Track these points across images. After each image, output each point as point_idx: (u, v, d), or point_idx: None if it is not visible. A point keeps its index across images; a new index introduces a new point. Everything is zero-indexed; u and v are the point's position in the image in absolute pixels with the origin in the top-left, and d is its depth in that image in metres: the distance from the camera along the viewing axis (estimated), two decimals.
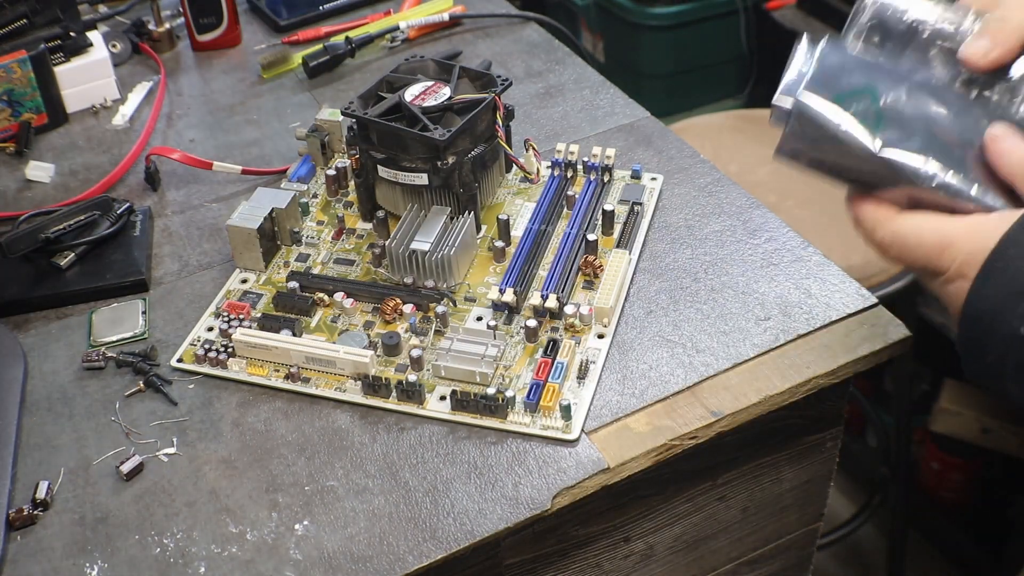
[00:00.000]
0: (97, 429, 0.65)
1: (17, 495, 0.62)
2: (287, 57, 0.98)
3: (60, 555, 0.58)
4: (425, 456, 0.62)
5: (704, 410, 0.64)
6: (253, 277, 0.74)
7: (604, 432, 0.63)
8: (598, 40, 1.98)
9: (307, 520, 0.59)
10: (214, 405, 0.66)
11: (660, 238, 0.76)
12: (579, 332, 0.68)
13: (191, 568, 0.57)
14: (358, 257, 0.75)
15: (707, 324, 0.69)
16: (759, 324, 0.69)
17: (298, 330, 0.69)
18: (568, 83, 0.93)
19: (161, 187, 0.84)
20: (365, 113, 0.73)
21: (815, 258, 0.73)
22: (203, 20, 1.00)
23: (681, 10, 1.81)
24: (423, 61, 0.78)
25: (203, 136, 0.90)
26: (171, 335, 0.71)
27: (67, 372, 0.69)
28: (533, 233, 0.75)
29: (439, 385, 0.66)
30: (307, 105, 0.93)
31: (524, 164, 0.77)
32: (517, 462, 0.62)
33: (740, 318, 0.69)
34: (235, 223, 0.73)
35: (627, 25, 1.87)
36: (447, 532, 0.58)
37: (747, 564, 0.79)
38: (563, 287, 0.70)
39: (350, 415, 0.65)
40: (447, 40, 1.00)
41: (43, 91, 0.90)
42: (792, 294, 0.71)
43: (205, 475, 0.62)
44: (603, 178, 0.79)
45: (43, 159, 0.88)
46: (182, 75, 0.98)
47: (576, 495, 0.60)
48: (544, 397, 0.63)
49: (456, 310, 0.70)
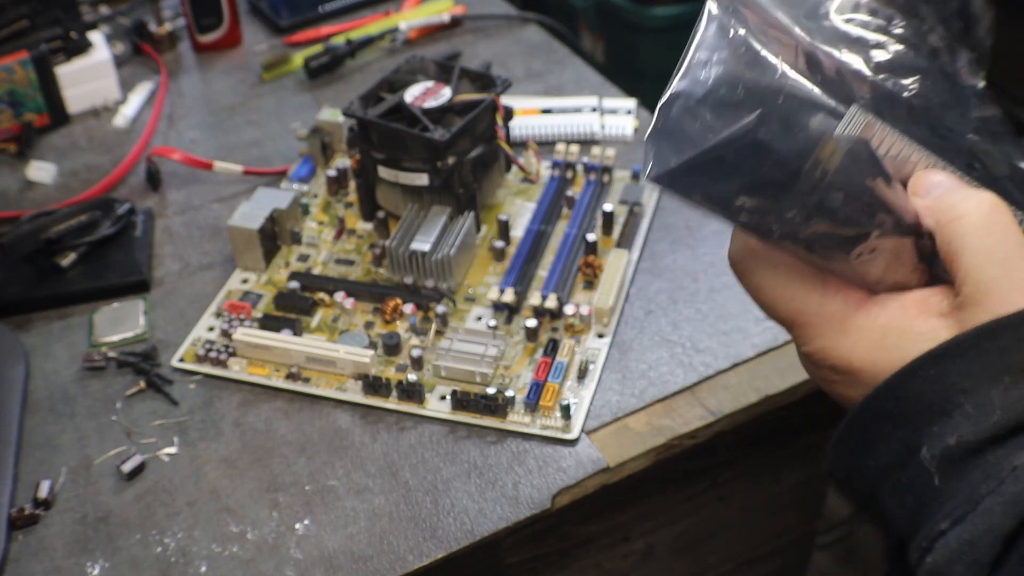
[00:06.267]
0: (98, 429, 0.65)
1: (19, 494, 0.62)
2: (288, 58, 0.98)
3: (62, 554, 0.59)
4: (425, 456, 0.63)
5: (704, 410, 0.64)
6: (254, 277, 0.75)
7: (604, 432, 0.63)
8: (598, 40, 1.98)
9: (308, 519, 0.60)
10: (215, 405, 0.66)
11: (660, 238, 0.76)
12: (579, 332, 0.69)
13: (192, 567, 0.58)
14: (358, 257, 0.75)
15: (707, 324, 0.69)
16: (759, 324, 0.69)
17: (299, 330, 0.70)
18: (568, 84, 0.93)
19: (162, 187, 0.84)
20: (365, 114, 0.73)
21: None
22: (204, 21, 1.00)
23: (681, 11, 1.81)
24: (423, 62, 0.78)
25: (204, 136, 0.90)
26: (172, 335, 0.71)
27: (68, 372, 0.69)
28: (533, 233, 0.75)
29: (439, 385, 0.66)
30: (308, 106, 0.93)
31: (524, 164, 0.77)
32: (517, 462, 0.62)
33: (740, 318, 0.69)
34: (236, 223, 0.73)
35: (627, 26, 1.87)
36: (447, 531, 0.58)
37: (746, 564, 0.79)
38: (563, 287, 0.71)
39: (350, 415, 0.65)
40: (447, 41, 1.00)
41: (45, 92, 0.90)
42: None
43: (206, 475, 0.62)
44: (603, 178, 0.80)
45: (45, 159, 0.88)
46: (183, 76, 0.99)
47: (576, 495, 0.61)
48: (544, 397, 0.64)
49: (456, 310, 0.71)
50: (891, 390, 0.39)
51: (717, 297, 0.71)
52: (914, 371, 0.38)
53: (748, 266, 0.43)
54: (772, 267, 0.42)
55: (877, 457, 0.39)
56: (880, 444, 0.39)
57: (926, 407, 0.38)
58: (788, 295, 0.42)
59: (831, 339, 0.41)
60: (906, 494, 0.38)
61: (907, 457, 0.38)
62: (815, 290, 0.41)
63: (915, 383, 0.38)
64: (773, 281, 0.42)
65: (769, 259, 0.42)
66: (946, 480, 0.37)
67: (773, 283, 0.42)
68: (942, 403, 0.37)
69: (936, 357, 0.38)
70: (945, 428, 0.37)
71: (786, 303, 0.42)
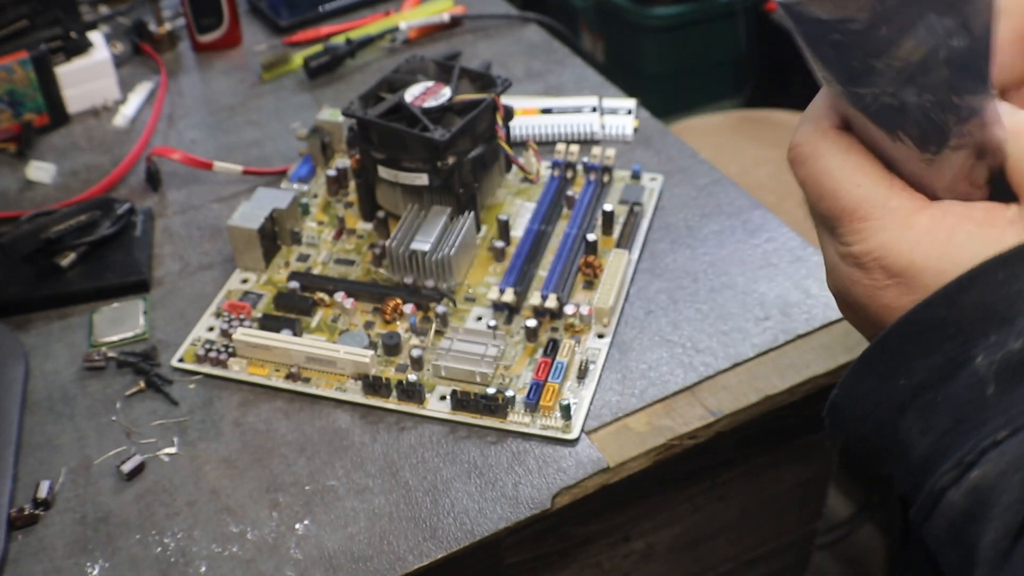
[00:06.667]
0: (98, 429, 0.65)
1: (19, 494, 0.62)
2: (287, 58, 0.98)
3: (61, 554, 0.59)
4: (425, 456, 0.63)
5: (704, 410, 0.64)
6: (254, 277, 0.75)
7: (604, 432, 0.63)
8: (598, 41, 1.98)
9: (307, 519, 0.60)
10: (215, 405, 0.66)
11: (660, 238, 0.76)
12: (579, 332, 0.69)
13: (192, 567, 0.58)
14: (358, 257, 0.75)
15: (707, 324, 0.69)
16: (759, 324, 0.69)
17: (299, 330, 0.70)
18: (568, 84, 0.93)
19: (162, 187, 0.84)
20: (365, 113, 0.73)
21: (815, 258, 0.73)
22: (204, 21, 1.00)
23: (681, 11, 1.81)
24: (423, 62, 0.78)
25: (204, 136, 0.90)
26: (172, 335, 0.71)
27: (68, 372, 0.69)
28: (533, 233, 0.75)
29: (439, 385, 0.66)
30: (307, 106, 0.93)
31: (524, 164, 0.77)
32: (517, 462, 0.62)
33: (740, 318, 0.69)
34: (236, 223, 0.73)
35: (627, 26, 1.87)
36: (447, 531, 0.58)
37: (747, 564, 0.79)
38: (563, 287, 0.71)
39: (350, 415, 0.65)
40: (447, 41, 1.00)
41: (44, 92, 0.90)
42: (791, 294, 0.71)
43: (206, 475, 0.62)
44: (603, 178, 0.80)
45: (44, 159, 0.88)
46: (183, 76, 0.99)
47: (576, 495, 0.61)
48: (544, 397, 0.64)
49: (456, 310, 0.71)
50: (950, 295, 0.37)
51: (717, 297, 0.71)
52: (979, 275, 0.36)
53: (817, 148, 0.40)
54: (844, 151, 0.40)
55: (911, 374, 0.37)
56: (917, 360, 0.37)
57: (988, 313, 0.36)
58: (856, 180, 0.39)
59: (894, 233, 0.38)
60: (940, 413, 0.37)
61: (949, 372, 0.36)
62: (883, 182, 0.39)
63: (977, 288, 0.36)
64: (844, 164, 0.40)
65: (841, 143, 0.40)
66: (1004, 389, 0.35)
67: (843, 166, 0.39)
68: (1006, 309, 0.35)
69: (1005, 260, 0.36)
70: (1007, 335, 0.35)
71: (851, 190, 0.39)
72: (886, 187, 0.39)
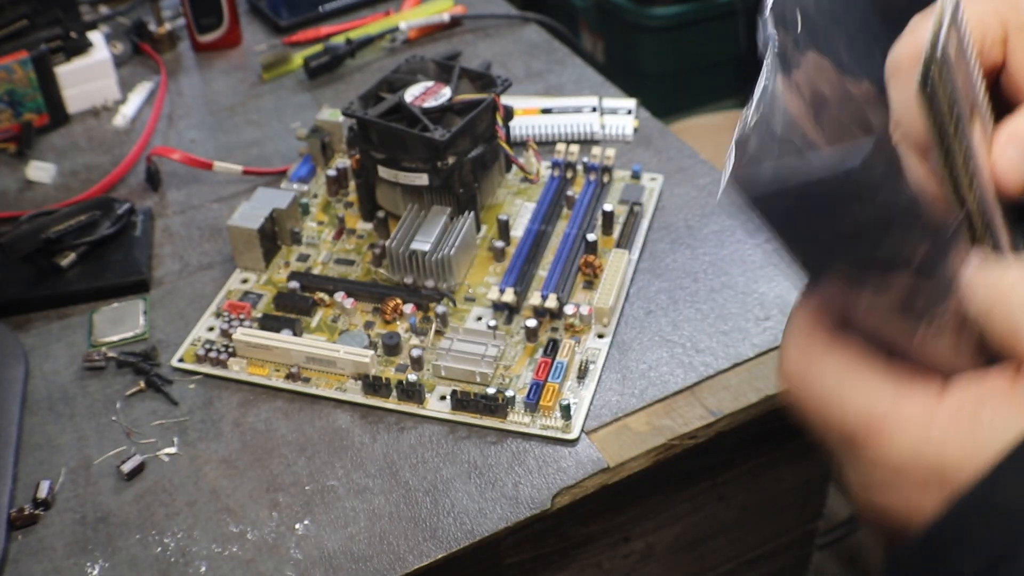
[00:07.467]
0: (98, 429, 0.65)
1: (18, 494, 0.62)
2: (287, 58, 0.98)
3: (61, 554, 0.59)
4: (425, 456, 0.62)
5: (704, 410, 0.64)
6: (254, 277, 0.75)
7: (604, 432, 0.63)
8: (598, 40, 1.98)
9: (307, 520, 0.60)
10: (215, 405, 0.66)
11: (660, 238, 0.76)
12: (579, 332, 0.68)
13: (192, 567, 0.58)
14: (358, 257, 0.75)
15: (707, 324, 0.69)
16: (759, 324, 0.69)
17: (298, 330, 0.70)
18: (568, 84, 0.93)
19: (162, 187, 0.84)
20: (365, 113, 0.73)
21: None
22: (204, 21, 1.00)
23: (681, 10, 1.81)
24: (423, 61, 0.78)
25: (204, 136, 0.90)
26: (172, 335, 0.71)
27: (68, 372, 0.69)
28: (533, 233, 0.75)
29: (439, 385, 0.66)
30: (307, 105, 0.93)
31: (524, 164, 0.77)
32: (517, 462, 0.62)
33: (740, 318, 0.69)
34: (236, 223, 0.73)
35: (627, 25, 1.87)
36: (447, 532, 0.58)
37: (747, 564, 0.79)
38: (563, 287, 0.71)
39: (350, 415, 0.65)
40: (447, 41, 1.00)
41: (44, 92, 0.90)
42: (792, 294, 0.71)
43: (206, 475, 0.62)
44: (603, 178, 0.80)
45: (44, 159, 0.88)
46: (183, 75, 0.99)
47: (576, 495, 0.60)
48: (544, 397, 0.64)
49: (456, 310, 0.71)
50: (987, 486, 0.33)
51: (717, 297, 0.71)
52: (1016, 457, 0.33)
53: (814, 367, 0.37)
54: (842, 362, 0.37)
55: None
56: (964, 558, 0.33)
57: None
58: (862, 391, 0.36)
59: (919, 434, 0.35)
60: None
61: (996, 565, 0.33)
62: (888, 385, 0.36)
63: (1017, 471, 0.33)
64: (845, 376, 0.36)
65: (836, 353, 0.37)
66: None
67: (844, 379, 0.36)
68: None
69: None
70: None
71: (858, 402, 0.36)
72: (892, 391, 0.36)
